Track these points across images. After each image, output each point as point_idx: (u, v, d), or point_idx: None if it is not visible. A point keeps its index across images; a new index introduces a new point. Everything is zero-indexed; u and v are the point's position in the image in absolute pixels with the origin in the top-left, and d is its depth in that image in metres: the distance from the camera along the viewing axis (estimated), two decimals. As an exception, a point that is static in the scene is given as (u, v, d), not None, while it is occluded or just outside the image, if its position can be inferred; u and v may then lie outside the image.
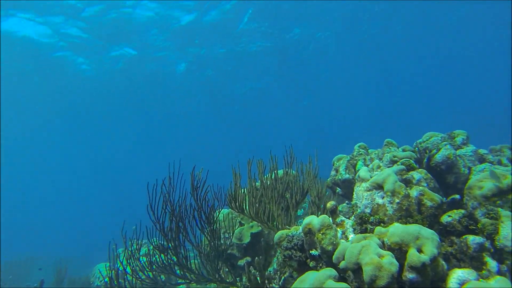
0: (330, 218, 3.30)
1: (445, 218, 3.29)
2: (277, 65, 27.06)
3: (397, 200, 2.94)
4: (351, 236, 3.12)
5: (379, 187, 3.15)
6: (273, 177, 4.20)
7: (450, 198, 4.32)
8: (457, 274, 2.49)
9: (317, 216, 3.33)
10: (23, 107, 26.48)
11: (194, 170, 3.96)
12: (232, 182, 3.99)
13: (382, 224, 2.99)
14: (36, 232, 36.68)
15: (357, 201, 3.30)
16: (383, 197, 3.09)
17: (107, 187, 53.77)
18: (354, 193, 3.48)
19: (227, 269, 5.20)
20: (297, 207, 3.97)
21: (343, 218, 3.26)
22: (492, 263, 2.61)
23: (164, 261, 4.13)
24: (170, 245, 4.20)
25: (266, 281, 3.57)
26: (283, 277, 3.50)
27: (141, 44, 21.07)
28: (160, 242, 4.25)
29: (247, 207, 3.89)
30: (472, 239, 2.70)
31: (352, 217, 3.26)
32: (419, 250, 2.46)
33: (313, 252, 3.02)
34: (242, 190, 4.08)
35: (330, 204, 3.25)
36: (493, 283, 2.36)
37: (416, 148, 4.82)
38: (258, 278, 3.56)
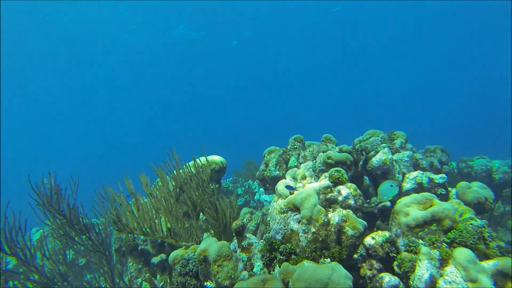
0: (232, 244, 2.79)
1: (368, 240, 2.94)
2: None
3: (313, 230, 2.47)
4: (257, 264, 2.64)
5: (295, 208, 2.65)
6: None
7: (381, 205, 4.05)
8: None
9: (218, 239, 2.81)
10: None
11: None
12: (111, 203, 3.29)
13: (293, 256, 2.53)
14: None
15: (270, 221, 2.81)
16: (299, 222, 2.61)
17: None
18: (270, 207, 2.98)
19: (139, 266, 4.68)
20: (197, 215, 3.42)
21: (252, 241, 2.76)
22: (404, 309, 2.29)
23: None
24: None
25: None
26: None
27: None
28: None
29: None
30: (387, 281, 2.34)
31: (262, 240, 2.78)
32: (326, 299, 2.05)
33: (208, 284, 2.52)
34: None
35: (236, 224, 2.71)
36: None
37: (357, 146, 4.40)
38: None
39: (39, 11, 19.27)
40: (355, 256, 2.88)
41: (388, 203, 4.02)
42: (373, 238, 2.94)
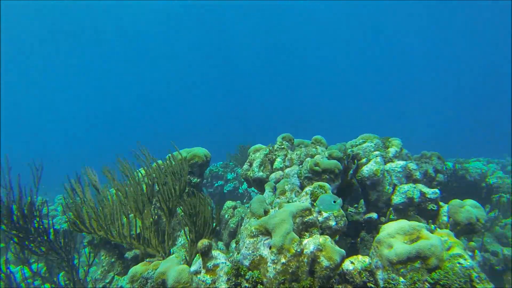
0: (197, 264, 2.55)
1: (346, 265, 2.71)
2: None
3: (283, 260, 2.23)
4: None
5: (267, 233, 2.40)
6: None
7: (367, 216, 3.83)
8: None
9: (176, 259, 2.58)
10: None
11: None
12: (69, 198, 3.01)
13: (259, 286, 2.31)
14: None
15: (240, 241, 2.57)
16: (270, 248, 2.37)
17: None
18: (242, 226, 2.73)
19: (113, 259, 4.51)
20: (170, 217, 3.17)
21: (218, 262, 2.53)
22: None
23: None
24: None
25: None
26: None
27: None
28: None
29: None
30: (359, 325, 2.14)
31: (229, 262, 2.55)
32: None
33: (166, 310, 2.32)
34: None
35: (201, 243, 2.47)
36: None
37: (349, 151, 4.10)
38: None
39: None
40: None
41: (375, 215, 3.79)
42: (352, 262, 2.72)
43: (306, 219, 2.54)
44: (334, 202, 2.23)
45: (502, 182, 5.95)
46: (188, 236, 2.91)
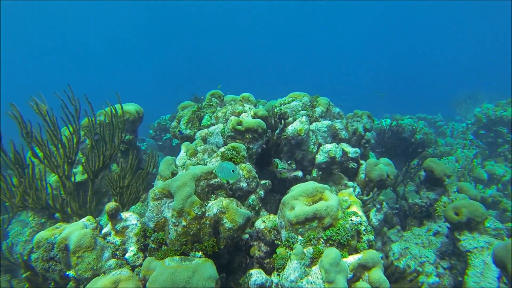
0: (107, 227, 2.56)
1: (258, 224, 2.89)
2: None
3: (183, 223, 2.29)
4: (131, 249, 2.49)
5: (171, 195, 2.42)
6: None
7: (293, 175, 3.98)
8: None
9: (87, 222, 2.56)
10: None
11: None
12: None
13: (164, 247, 2.38)
14: None
15: (148, 204, 2.58)
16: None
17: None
18: (152, 189, 2.72)
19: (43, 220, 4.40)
20: (94, 179, 3.08)
21: (128, 223, 2.56)
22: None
23: None
24: None
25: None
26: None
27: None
28: None
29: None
30: (254, 280, 2.32)
31: (139, 224, 2.58)
32: (180, 303, 1.97)
33: (70, 273, 2.35)
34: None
35: (109, 206, 2.46)
36: None
37: (277, 109, 4.10)
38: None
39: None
40: (245, 236, 2.84)
41: (300, 173, 3.96)
42: (263, 221, 2.89)
43: (211, 182, 2.58)
44: (233, 171, 2.25)
45: (426, 137, 6.41)
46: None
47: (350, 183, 3.83)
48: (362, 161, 4.04)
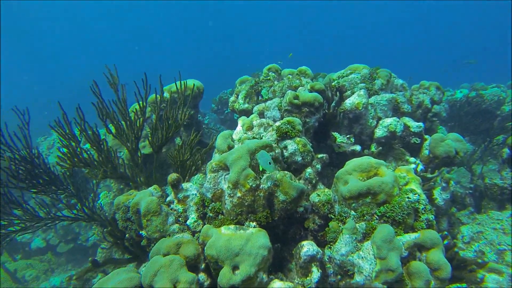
0: (170, 196, 2.83)
1: (313, 197, 2.93)
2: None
3: (238, 194, 2.43)
4: (192, 216, 2.75)
5: (227, 168, 2.57)
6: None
7: (351, 149, 3.87)
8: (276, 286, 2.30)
9: (154, 190, 2.86)
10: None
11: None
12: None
13: (220, 216, 2.58)
14: None
15: (206, 175, 2.78)
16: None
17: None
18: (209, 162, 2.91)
19: (122, 186, 5.03)
20: (159, 152, 3.40)
21: (188, 193, 2.80)
22: (315, 274, 2.41)
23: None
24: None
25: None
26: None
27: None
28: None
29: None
30: (305, 251, 2.39)
31: (199, 194, 2.81)
32: (236, 267, 2.16)
33: (142, 233, 2.70)
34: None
35: (171, 177, 2.71)
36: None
37: (335, 82, 3.97)
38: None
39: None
40: (300, 209, 2.91)
41: (358, 147, 3.84)
42: (318, 195, 2.92)
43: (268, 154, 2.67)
44: (269, 163, 2.27)
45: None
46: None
47: (412, 159, 3.61)
48: (427, 136, 3.76)
